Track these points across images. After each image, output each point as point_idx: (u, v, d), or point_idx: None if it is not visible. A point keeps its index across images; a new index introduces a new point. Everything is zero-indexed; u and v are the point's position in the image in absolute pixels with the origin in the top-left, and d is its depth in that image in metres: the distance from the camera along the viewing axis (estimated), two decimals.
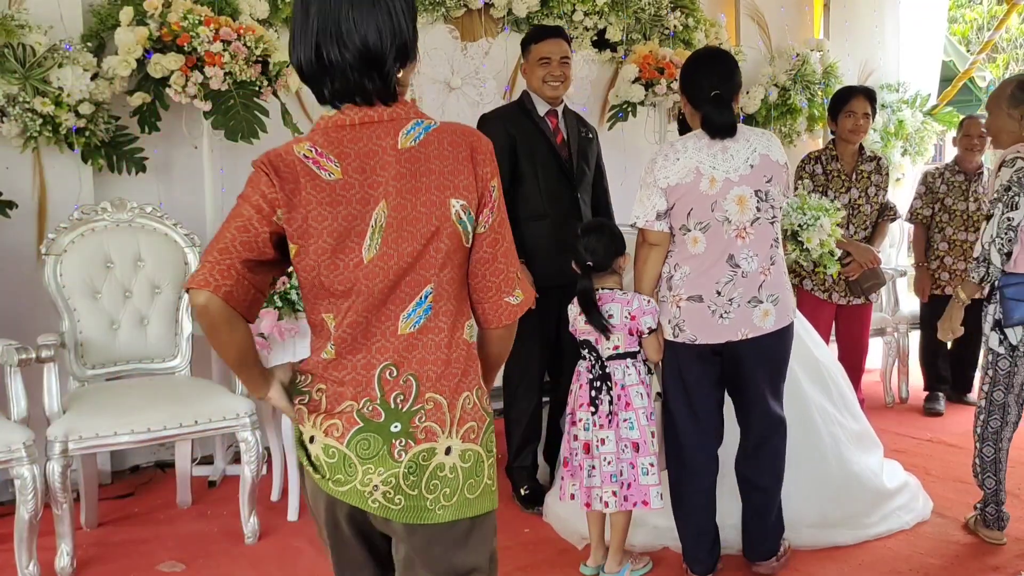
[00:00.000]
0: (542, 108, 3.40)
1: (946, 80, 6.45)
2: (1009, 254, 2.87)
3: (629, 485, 2.68)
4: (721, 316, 2.62)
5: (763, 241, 2.64)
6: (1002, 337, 2.94)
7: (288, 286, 3.09)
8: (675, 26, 4.87)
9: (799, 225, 3.37)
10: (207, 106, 3.44)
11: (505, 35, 4.57)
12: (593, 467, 2.70)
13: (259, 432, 3.08)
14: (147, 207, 3.40)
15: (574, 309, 2.75)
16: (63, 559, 2.82)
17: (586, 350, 2.76)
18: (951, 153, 4.91)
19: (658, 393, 2.82)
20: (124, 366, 3.31)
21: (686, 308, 2.64)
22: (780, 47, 5.47)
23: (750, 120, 5.21)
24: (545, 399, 3.48)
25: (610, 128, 4.65)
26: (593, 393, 2.70)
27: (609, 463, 2.68)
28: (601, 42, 4.85)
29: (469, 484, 1.43)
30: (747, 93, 5.13)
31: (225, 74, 3.37)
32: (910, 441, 4.22)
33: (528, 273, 3.12)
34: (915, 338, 5.00)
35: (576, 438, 2.74)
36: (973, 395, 4.94)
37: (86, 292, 3.24)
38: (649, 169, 2.66)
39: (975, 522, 3.13)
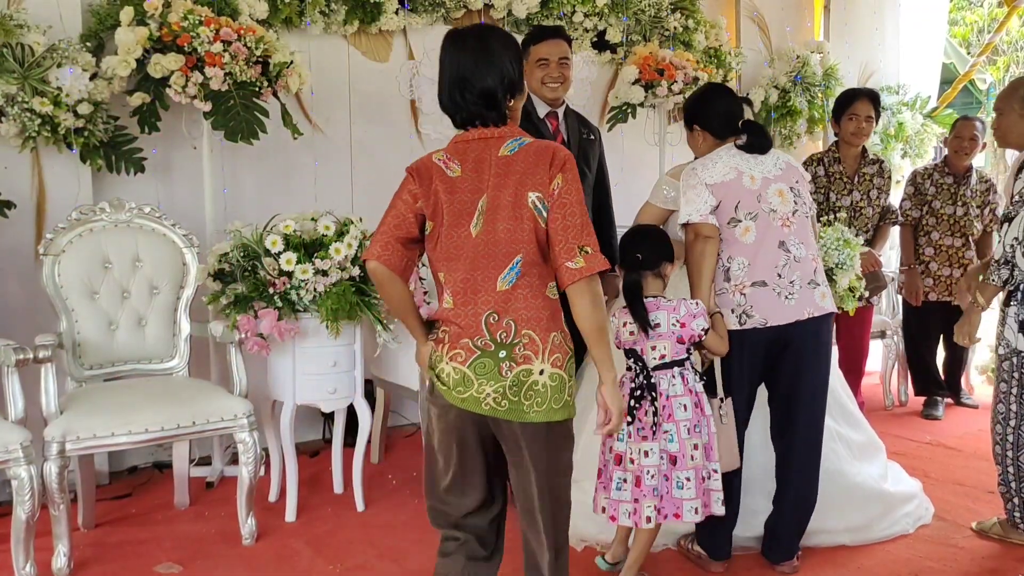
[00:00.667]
0: (542, 110, 3.39)
1: (946, 82, 6.44)
2: None
3: (662, 497, 2.58)
4: (786, 297, 2.71)
5: (805, 231, 2.78)
6: None
7: (287, 287, 3.08)
8: (675, 27, 4.86)
9: (835, 263, 3.37)
10: (207, 106, 3.43)
11: None
12: (624, 480, 2.60)
13: (257, 433, 3.07)
14: (145, 207, 3.39)
15: (617, 320, 2.66)
16: (60, 560, 2.82)
17: (631, 359, 2.65)
18: None
19: (711, 389, 2.74)
20: (122, 367, 3.30)
21: (752, 294, 2.70)
22: (780, 49, 5.46)
23: None
24: None
25: (610, 129, 4.64)
26: (632, 403, 2.59)
27: (652, 476, 2.56)
28: (601, 43, 4.84)
29: (554, 398, 1.95)
30: (747, 95, 5.12)
31: (225, 75, 3.37)
32: (909, 444, 4.22)
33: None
34: None
35: (611, 449, 2.64)
36: (970, 398, 4.94)
37: (84, 292, 3.23)
38: (691, 174, 2.78)
39: (1006, 528, 3.08)
